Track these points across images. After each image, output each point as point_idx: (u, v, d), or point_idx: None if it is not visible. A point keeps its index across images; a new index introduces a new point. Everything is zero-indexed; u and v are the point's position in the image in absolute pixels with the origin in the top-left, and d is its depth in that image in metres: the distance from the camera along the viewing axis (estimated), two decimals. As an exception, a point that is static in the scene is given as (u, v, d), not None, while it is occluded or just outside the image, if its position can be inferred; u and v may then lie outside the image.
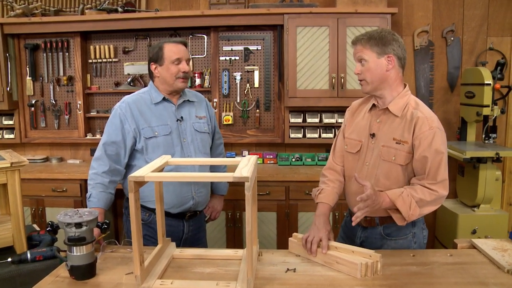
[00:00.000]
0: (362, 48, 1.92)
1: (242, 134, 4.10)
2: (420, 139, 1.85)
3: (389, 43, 1.89)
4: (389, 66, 1.90)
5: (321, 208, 2.04)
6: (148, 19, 3.82)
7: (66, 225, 1.64)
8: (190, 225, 2.41)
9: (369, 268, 1.67)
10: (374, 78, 1.92)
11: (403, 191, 1.84)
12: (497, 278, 1.67)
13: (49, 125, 4.26)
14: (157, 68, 2.31)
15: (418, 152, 1.85)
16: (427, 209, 1.87)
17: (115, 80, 4.18)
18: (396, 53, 1.90)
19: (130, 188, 1.51)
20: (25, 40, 4.11)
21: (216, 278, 1.66)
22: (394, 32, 1.95)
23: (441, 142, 1.85)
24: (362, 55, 1.92)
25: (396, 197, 1.83)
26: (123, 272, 1.74)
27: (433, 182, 1.84)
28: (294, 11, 3.67)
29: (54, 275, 1.73)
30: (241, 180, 1.48)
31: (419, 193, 1.84)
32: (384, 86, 1.94)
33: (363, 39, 1.92)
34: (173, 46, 2.30)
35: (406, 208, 1.83)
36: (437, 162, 1.84)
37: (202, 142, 2.41)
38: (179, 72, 2.29)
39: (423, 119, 1.86)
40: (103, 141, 2.26)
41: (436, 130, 1.85)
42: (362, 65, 1.94)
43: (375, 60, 1.90)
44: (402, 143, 1.89)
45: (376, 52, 1.89)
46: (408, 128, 1.88)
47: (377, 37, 1.89)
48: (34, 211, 3.71)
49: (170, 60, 2.27)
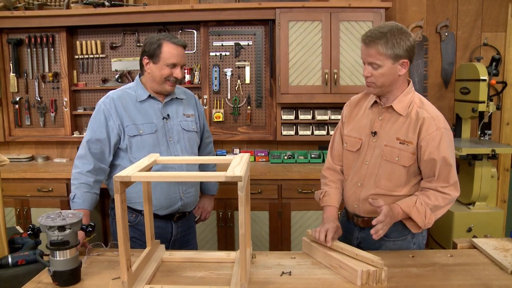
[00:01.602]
0: (376, 53, 1.77)
1: (233, 132, 4.02)
2: (428, 141, 1.78)
3: (406, 48, 1.76)
4: (402, 70, 1.81)
5: (328, 211, 1.98)
6: (136, 14, 3.71)
7: (48, 228, 1.55)
8: (179, 226, 2.32)
9: (370, 276, 1.58)
10: (385, 83, 1.82)
11: (417, 201, 1.79)
12: (500, 279, 1.62)
13: (34, 123, 4.14)
14: (150, 64, 2.20)
15: (426, 154, 1.79)
16: (441, 212, 1.84)
17: (103, 76, 4.07)
18: (409, 56, 1.79)
19: (116, 189, 1.42)
20: (7, 35, 3.98)
21: (208, 283, 1.60)
22: (408, 31, 1.79)
23: (449, 143, 1.80)
24: (376, 60, 1.78)
25: (410, 209, 1.78)
26: (110, 276, 1.66)
27: (446, 185, 1.80)
28: (286, 5, 3.59)
29: (35, 281, 1.64)
30: (234, 180, 1.40)
31: (432, 199, 1.79)
32: (392, 88, 1.86)
33: (379, 44, 1.75)
34: (172, 47, 2.17)
35: (422, 218, 1.78)
36: (448, 164, 1.79)
37: (189, 141, 2.32)
38: (171, 77, 2.19)
39: (430, 120, 1.79)
40: (86, 138, 2.16)
41: (444, 131, 1.79)
42: (373, 68, 1.80)
43: (390, 66, 1.78)
44: (406, 144, 1.82)
45: (391, 58, 1.77)
46: (414, 128, 1.81)
47: (391, 41, 1.74)
48: (19, 212, 3.59)
49: (166, 62, 2.16)
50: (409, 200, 1.80)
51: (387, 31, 1.76)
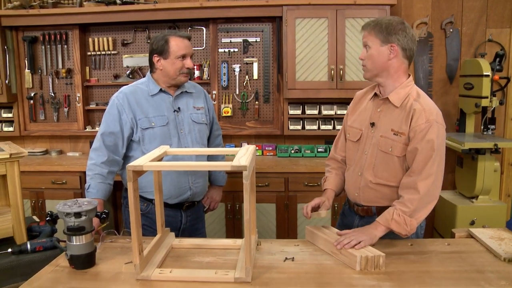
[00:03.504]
0: (367, 34, 1.92)
1: (241, 126, 4.11)
2: (415, 132, 1.83)
3: (395, 33, 1.86)
4: (391, 56, 1.88)
5: (325, 193, 2.13)
6: (146, 11, 3.81)
7: (65, 215, 1.65)
8: (188, 215, 2.43)
9: (369, 262, 1.66)
10: (374, 65, 1.91)
11: (393, 212, 1.81)
12: (493, 266, 1.69)
13: (48, 118, 4.27)
14: (161, 60, 2.30)
15: (412, 144, 1.84)
16: (422, 214, 1.84)
17: (114, 72, 4.19)
18: (401, 43, 1.87)
19: (129, 177, 1.52)
20: (23, 33, 4.11)
21: (215, 267, 1.68)
22: (404, 21, 1.90)
23: (436, 136, 1.81)
24: (367, 41, 1.92)
25: (389, 223, 1.82)
26: (123, 261, 1.75)
27: (420, 178, 1.81)
28: (293, 3, 3.66)
29: (54, 265, 1.74)
30: (239, 169, 1.48)
31: (409, 206, 1.80)
32: (384, 74, 1.92)
33: (370, 25, 1.91)
34: (179, 40, 2.28)
35: (403, 227, 1.81)
36: (428, 156, 1.80)
37: (199, 133, 2.42)
38: (184, 68, 2.30)
39: (421, 111, 1.83)
40: (101, 131, 2.26)
41: (433, 123, 1.81)
42: (366, 50, 1.93)
43: (378, 48, 1.89)
44: (399, 135, 1.89)
45: (380, 39, 1.88)
46: (406, 119, 1.87)
47: (384, 25, 1.87)
48: (34, 204, 3.72)
49: (176, 55, 2.27)
50: (387, 214, 1.83)
51: (381, 19, 1.93)
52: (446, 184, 4.07)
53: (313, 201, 2.05)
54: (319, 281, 1.58)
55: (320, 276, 1.62)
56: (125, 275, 1.64)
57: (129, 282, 1.58)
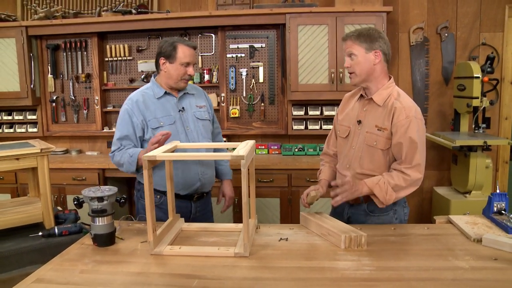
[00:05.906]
0: (352, 43, 2.14)
1: (248, 126, 4.36)
2: (397, 127, 2.07)
3: (376, 40, 2.12)
4: (376, 61, 2.13)
5: (320, 182, 2.38)
6: (160, 20, 4.08)
7: (90, 199, 1.92)
8: (197, 206, 2.65)
9: (352, 241, 1.88)
10: (362, 71, 2.14)
11: (380, 179, 2.07)
12: (463, 245, 1.89)
13: (69, 119, 4.57)
14: (166, 64, 2.52)
15: (395, 139, 2.09)
16: (403, 192, 2.09)
17: (130, 76, 4.47)
18: (382, 49, 2.13)
19: (144, 166, 1.78)
20: (47, 41, 4.42)
21: (218, 245, 1.92)
22: (380, 31, 2.18)
23: (416, 130, 2.06)
24: (352, 50, 2.14)
25: (373, 185, 2.07)
26: (138, 241, 2.01)
27: (408, 166, 2.06)
28: (295, 11, 3.90)
29: (80, 243, 2.01)
30: (238, 158, 1.73)
31: (395, 179, 2.06)
32: (371, 78, 2.17)
33: (353, 36, 2.14)
34: (186, 49, 2.50)
35: (383, 194, 2.06)
36: (412, 148, 2.05)
37: (204, 128, 2.65)
38: (186, 74, 2.53)
39: (401, 109, 2.08)
40: (117, 137, 2.51)
41: (412, 119, 2.06)
42: (351, 59, 2.16)
43: (364, 55, 2.12)
44: (382, 130, 2.13)
45: (364, 47, 2.12)
46: (388, 116, 2.11)
47: (366, 34, 2.12)
48: (57, 198, 4.00)
49: (181, 62, 2.49)
50: (375, 178, 2.09)
51: (361, 29, 2.16)
52: (442, 181, 4.27)
53: (308, 189, 2.28)
54: (308, 256, 1.82)
55: (309, 253, 1.86)
56: (141, 251, 1.90)
57: (144, 257, 1.83)
